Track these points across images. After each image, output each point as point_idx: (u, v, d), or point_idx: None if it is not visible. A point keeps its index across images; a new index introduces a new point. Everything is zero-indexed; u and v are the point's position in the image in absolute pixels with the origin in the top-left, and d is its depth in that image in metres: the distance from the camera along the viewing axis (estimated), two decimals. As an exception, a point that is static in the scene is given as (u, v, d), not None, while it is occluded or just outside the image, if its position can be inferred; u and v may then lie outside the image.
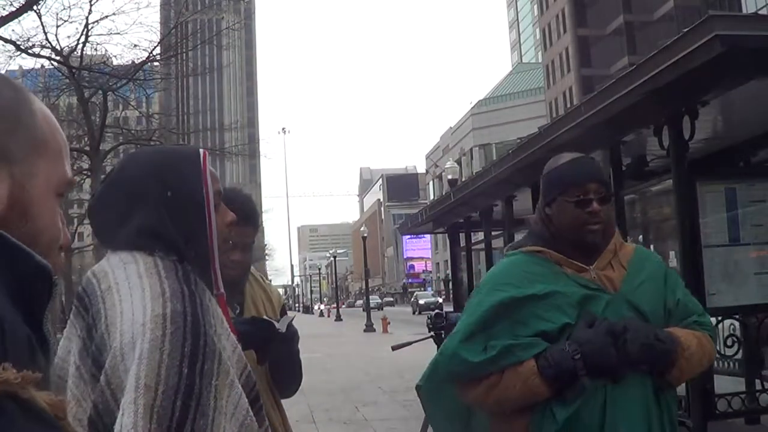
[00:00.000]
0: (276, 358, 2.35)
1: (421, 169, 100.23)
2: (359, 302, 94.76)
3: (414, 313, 49.51)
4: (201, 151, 1.54)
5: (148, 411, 1.20)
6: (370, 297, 43.05)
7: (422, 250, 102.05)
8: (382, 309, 61.32)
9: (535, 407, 2.06)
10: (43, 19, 16.92)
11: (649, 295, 2.16)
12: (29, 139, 0.82)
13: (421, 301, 52.32)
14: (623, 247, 2.25)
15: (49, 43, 17.55)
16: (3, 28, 15.50)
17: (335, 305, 58.36)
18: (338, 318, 47.71)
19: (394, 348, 6.48)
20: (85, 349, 1.37)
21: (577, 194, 2.13)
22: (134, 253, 1.41)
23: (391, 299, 71.73)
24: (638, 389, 2.07)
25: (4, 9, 15.09)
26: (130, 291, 1.34)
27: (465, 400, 2.18)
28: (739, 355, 5.67)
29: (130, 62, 19.70)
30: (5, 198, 0.78)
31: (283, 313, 2.59)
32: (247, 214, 2.33)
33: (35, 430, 0.63)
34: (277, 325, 2.29)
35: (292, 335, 2.37)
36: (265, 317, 2.37)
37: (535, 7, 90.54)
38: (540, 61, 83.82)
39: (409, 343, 6.15)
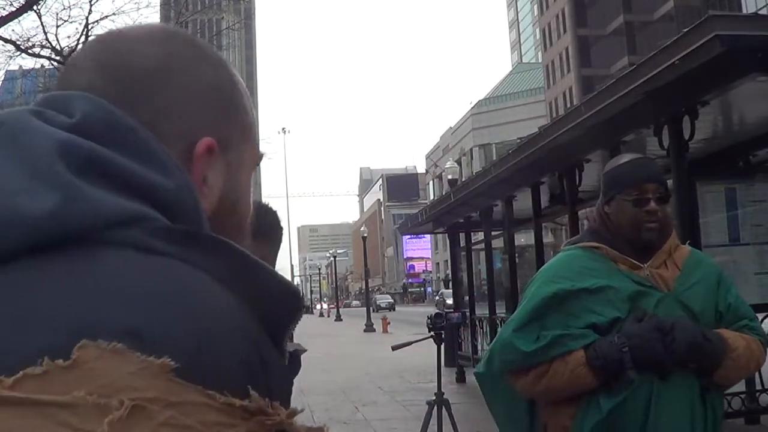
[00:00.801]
0: None
1: (421, 169, 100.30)
2: (355, 302, 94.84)
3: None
4: None
5: None
6: (383, 295, 42.94)
7: (422, 250, 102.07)
8: (394, 309, 61.21)
9: (582, 397, 2.13)
10: (43, 19, 16.88)
11: (701, 296, 2.21)
12: (240, 123, 0.74)
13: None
14: (679, 248, 2.30)
15: (49, 43, 17.54)
16: (3, 28, 15.50)
17: (334, 305, 58.33)
18: (338, 318, 47.72)
19: (394, 348, 6.47)
20: None
21: (635, 193, 2.19)
22: None
23: (390, 300, 71.45)
24: (684, 388, 2.11)
25: (4, 9, 15.09)
26: None
27: (516, 387, 2.25)
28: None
29: (130, 62, 19.71)
30: (218, 190, 0.71)
31: None
32: (262, 229, 2.28)
33: None
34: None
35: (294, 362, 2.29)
36: None
37: (535, 7, 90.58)
38: (540, 61, 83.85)
39: (409, 343, 6.15)
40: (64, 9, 19.91)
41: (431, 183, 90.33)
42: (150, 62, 0.70)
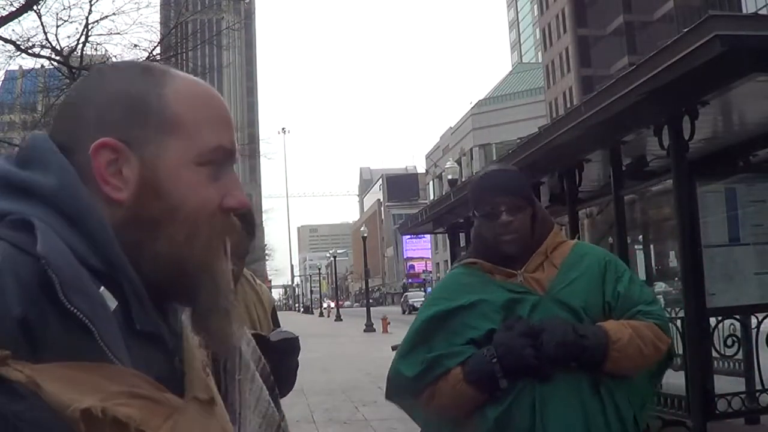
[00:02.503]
0: (273, 367, 2.35)
1: (421, 169, 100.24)
2: (355, 304, 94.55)
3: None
4: None
5: None
6: (416, 292, 42.37)
7: (422, 250, 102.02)
8: (413, 311, 56.56)
9: (475, 410, 2.15)
10: (43, 19, 16.86)
11: (582, 291, 2.18)
12: (156, 121, 0.87)
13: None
14: (560, 246, 2.27)
15: (49, 43, 17.53)
16: (3, 28, 15.49)
17: (334, 305, 58.24)
18: (338, 318, 47.71)
19: (394, 348, 6.47)
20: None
21: (487, 208, 2.22)
22: None
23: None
24: (570, 387, 2.09)
25: (4, 9, 15.09)
26: None
27: (418, 410, 2.32)
28: (740, 355, 5.68)
29: (130, 62, 19.69)
30: (135, 181, 0.85)
31: (274, 314, 2.57)
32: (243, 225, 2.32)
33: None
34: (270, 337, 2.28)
35: (283, 350, 2.32)
36: (259, 333, 2.34)
37: (535, 7, 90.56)
38: (540, 61, 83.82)
39: (409, 343, 6.15)
40: (64, 9, 19.84)
41: (431, 183, 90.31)
42: (71, 92, 0.91)
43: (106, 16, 18.70)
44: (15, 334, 0.72)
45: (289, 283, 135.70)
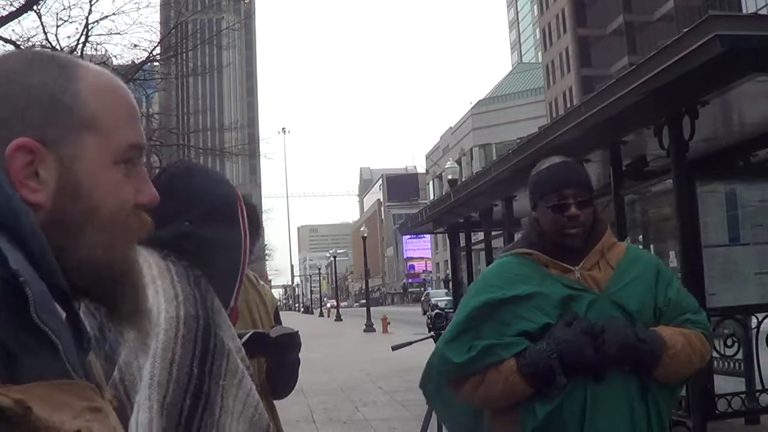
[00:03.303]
0: (273, 365, 2.35)
1: (421, 169, 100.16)
2: (355, 304, 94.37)
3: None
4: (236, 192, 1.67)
5: (160, 407, 1.26)
6: (439, 291, 41.89)
7: (422, 250, 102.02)
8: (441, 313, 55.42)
9: (521, 404, 2.13)
10: (43, 19, 16.87)
11: (637, 294, 2.18)
12: (73, 120, 0.84)
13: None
14: (614, 247, 2.28)
15: (49, 43, 17.52)
16: (3, 28, 15.50)
17: (333, 306, 58.20)
18: (338, 318, 47.70)
19: (394, 348, 6.47)
20: (98, 346, 1.40)
21: (555, 199, 2.19)
22: (145, 254, 1.42)
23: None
24: (621, 389, 2.10)
25: (4, 9, 15.09)
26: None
27: (457, 398, 2.25)
28: (740, 355, 5.68)
29: (130, 62, 19.68)
30: (53, 182, 0.82)
31: (276, 315, 2.57)
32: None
33: None
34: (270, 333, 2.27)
35: (283, 345, 2.31)
36: (260, 330, 2.33)
37: (535, 7, 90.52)
38: (540, 61, 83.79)
39: (409, 343, 6.14)
40: (64, 9, 19.86)
41: (431, 183, 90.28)
42: None
43: (106, 16, 18.72)
44: None
45: (289, 283, 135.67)
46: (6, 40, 16.52)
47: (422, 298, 49.31)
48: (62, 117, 0.84)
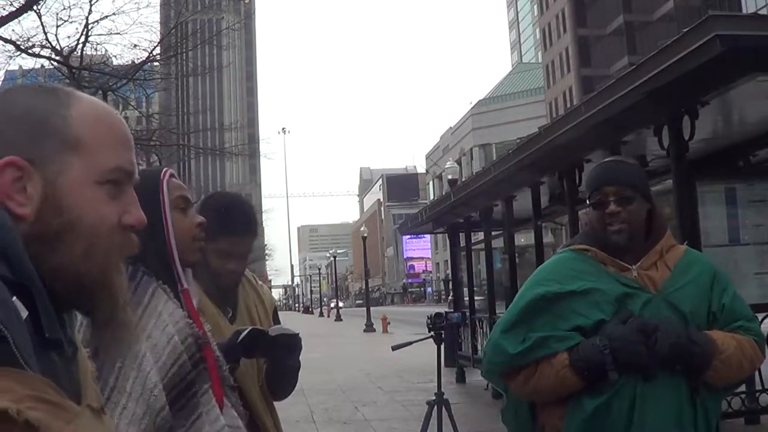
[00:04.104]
0: (273, 367, 2.35)
1: (421, 169, 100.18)
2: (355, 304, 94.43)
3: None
4: (165, 169, 1.87)
5: None
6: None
7: (422, 250, 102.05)
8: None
9: (570, 397, 2.17)
10: (43, 19, 16.88)
11: (692, 297, 2.20)
12: (59, 141, 0.93)
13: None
14: (673, 248, 2.30)
15: (49, 43, 17.54)
16: (3, 28, 15.50)
17: (341, 305, 58.20)
18: (338, 318, 47.68)
19: (394, 348, 6.47)
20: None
21: (597, 197, 2.24)
22: None
23: None
24: (670, 389, 2.11)
25: (4, 9, 15.09)
26: None
27: (510, 388, 2.31)
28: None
29: (130, 62, 19.68)
30: (38, 197, 0.90)
31: (275, 315, 2.57)
32: (243, 224, 2.32)
33: None
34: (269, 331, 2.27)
35: (283, 346, 2.30)
36: (259, 327, 2.33)
37: (535, 7, 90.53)
38: (540, 61, 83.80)
39: (409, 343, 6.14)
40: (64, 9, 19.92)
41: (431, 183, 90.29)
42: None
43: (106, 16, 18.72)
44: None
45: (289, 283, 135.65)
46: (6, 40, 16.53)
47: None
48: (49, 138, 0.93)
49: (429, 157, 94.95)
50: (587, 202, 2.29)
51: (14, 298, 0.82)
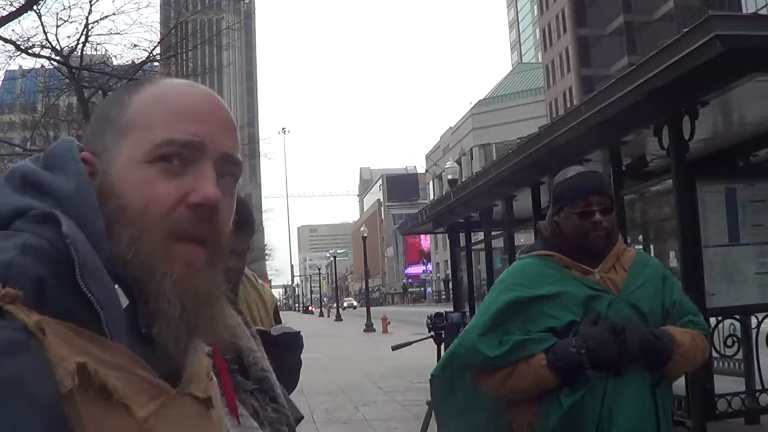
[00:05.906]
0: (274, 365, 2.35)
1: (421, 169, 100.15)
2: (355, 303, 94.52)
3: None
4: None
5: None
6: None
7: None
8: None
9: (544, 395, 2.33)
10: (43, 19, 16.88)
11: (649, 296, 2.40)
12: (115, 130, 0.92)
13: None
14: (625, 251, 2.49)
15: (49, 43, 17.53)
16: (3, 28, 15.49)
17: (333, 306, 58.20)
18: (338, 318, 47.69)
19: (394, 348, 6.48)
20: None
21: (582, 206, 2.38)
22: None
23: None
24: (637, 382, 2.30)
25: (4, 9, 15.08)
26: None
27: (482, 388, 2.44)
28: (740, 355, 5.68)
29: (130, 62, 19.68)
30: (97, 187, 0.89)
31: (276, 314, 2.57)
32: (241, 221, 2.32)
33: None
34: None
35: (285, 344, 2.29)
36: (261, 328, 2.33)
37: (535, 7, 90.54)
38: (540, 61, 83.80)
39: (409, 343, 6.15)
40: (64, 9, 19.92)
41: (431, 183, 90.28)
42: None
43: (106, 16, 18.73)
44: (29, 288, 0.74)
45: (289, 283, 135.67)
46: (6, 40, 16.53)
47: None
48: (107, 128, 0.93)
49: (429, 157, 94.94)
50: (560, 209, 2.42)
51: (116, 285, 0.82)
